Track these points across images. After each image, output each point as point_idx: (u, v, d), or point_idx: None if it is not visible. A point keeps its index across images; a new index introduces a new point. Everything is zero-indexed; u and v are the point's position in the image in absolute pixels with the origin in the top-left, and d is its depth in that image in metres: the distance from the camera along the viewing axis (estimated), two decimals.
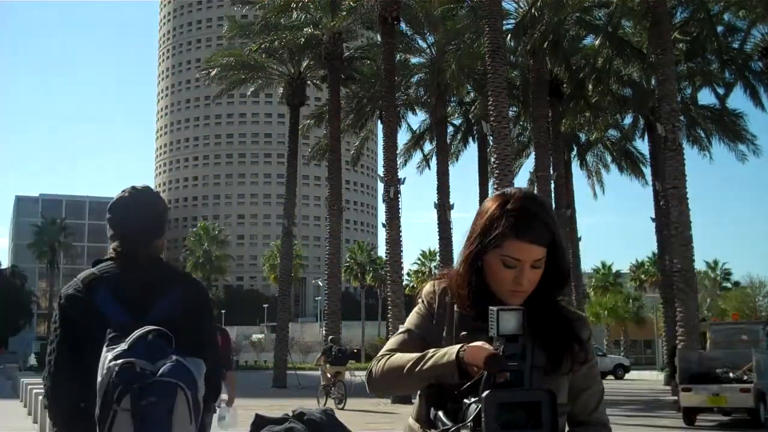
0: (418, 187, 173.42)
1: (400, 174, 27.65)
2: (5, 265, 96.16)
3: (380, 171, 26.83)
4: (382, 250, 69.27)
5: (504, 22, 23.76)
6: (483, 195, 34.27)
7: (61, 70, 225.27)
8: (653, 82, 26.39)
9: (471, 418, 1.70)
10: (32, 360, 58.76)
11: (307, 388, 27.00)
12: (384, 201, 25.62)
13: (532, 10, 25.42)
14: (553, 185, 29.09)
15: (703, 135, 32.36)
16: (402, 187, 25.82)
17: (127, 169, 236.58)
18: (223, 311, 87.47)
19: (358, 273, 79.14)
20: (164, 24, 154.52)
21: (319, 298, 73.59)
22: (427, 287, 2.15)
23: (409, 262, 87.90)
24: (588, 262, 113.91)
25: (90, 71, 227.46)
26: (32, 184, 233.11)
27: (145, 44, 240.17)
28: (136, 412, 2.44)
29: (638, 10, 24.76)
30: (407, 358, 1.94)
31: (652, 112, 27.64)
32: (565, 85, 29.70)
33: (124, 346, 2.54)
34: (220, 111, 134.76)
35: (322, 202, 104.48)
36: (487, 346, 1.76)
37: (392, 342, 2.09)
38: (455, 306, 2.06)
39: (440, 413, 1.81)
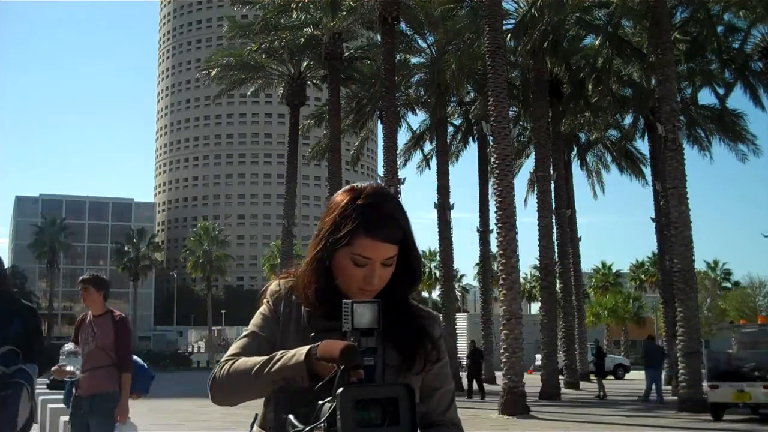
0: (418, 187, 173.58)
1: (400, 174, 27.69)
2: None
3: (380, 171, 26.83)
4: None
5: (504, 22, 23.73)
6: (483, 195, 34.32)
7: (61, 70, 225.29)
8: (653, 82, 26.36)
9: (325, 417, 1.60)
10: None
11: None
12: None
13: (532, 10, 25.40)
14: (553, 185, 29.07)
15: (703, 135, 32.34)
16: (402, 187, 25.85)
17: (127, 169, 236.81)
18: (223, 311, 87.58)
19: None
20: (164, 24, 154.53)
21: None
22: (272, 286, 2.05)
23: None
24: (588, 262, 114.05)
25: (90, 71, 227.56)
26: (32, 184, 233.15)
27: (145, 44, 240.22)
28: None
29: (638, 10, 24.74)
30: (254, 361, 1.82)
31: (652, 112, 27.61)
32: (565, 85, 29.67)
33: None
34: (220, 111, 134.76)
35: (322, 202, 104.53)
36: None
37: (235, 346, 1.96)
38: (303, 306, 1.97)
39: (290, 417, 1.71)
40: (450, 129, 35.28)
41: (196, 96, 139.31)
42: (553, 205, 29.05)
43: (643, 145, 40.19)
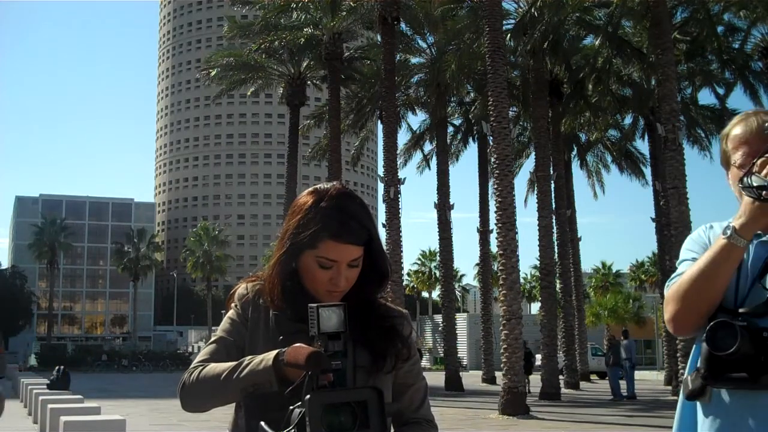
0: (418, 187, 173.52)
1: (400, 174, 27.66)
2: (5, 265, 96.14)
3: (380, 171, 26.81)
4: None
5: (504, 22, 23.71)
6: (483, 195, 34.31)
7: (61, 70, 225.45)
8: (653, 82, 26.37)
9: (294, 423, 1.59)
10: (32, 360, 58.44)
11: None
12: (384, 201, 25.61)
13: (532, 10, 25.39)
14: (553, 185, 29.07)
15: (703, 135, 32.36)
16: (402, 187, 25.82)
17: (127, 169, 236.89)
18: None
19: None
20: (164, 24, 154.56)
21: None
22: (240, 290, 2.02)
23: (409, 262, 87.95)
24: (588, 262, 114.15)
25: (90, 71, 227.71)
26: (32, 184, 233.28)
27: (145, 45, 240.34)
28: None
29: (638, 10, 24.73)
30: (222, 367, 1.81)
31: (652, 112, 27.62)
32: (565, 85, 29.66)
33: None
34: (220, 111, 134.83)
35: None
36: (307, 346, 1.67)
37: (204, 352, 1.94)
38: (271, 309, 1.95)
39: (262, 423, 1.69)
40: (450, 129, 35.29)
41: (196, 96, 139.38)
42: (553, 205, 29.05)
43: (643, 145, 40.25)
